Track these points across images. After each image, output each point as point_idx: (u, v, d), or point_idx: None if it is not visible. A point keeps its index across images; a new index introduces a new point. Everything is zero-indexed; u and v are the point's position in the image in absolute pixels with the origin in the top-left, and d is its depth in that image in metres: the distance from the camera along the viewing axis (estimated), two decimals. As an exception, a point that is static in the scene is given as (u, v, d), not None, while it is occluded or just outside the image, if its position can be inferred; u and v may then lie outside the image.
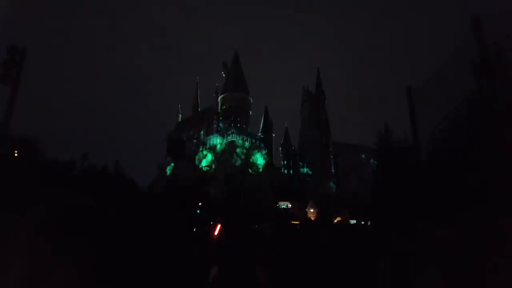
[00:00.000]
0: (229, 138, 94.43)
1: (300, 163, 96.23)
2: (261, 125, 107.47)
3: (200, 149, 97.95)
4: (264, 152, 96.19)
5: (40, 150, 25.67)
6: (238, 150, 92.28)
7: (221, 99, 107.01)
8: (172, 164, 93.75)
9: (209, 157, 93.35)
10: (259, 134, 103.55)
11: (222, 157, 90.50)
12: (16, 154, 21.24)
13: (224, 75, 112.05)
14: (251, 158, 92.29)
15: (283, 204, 67.97)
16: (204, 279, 2.11)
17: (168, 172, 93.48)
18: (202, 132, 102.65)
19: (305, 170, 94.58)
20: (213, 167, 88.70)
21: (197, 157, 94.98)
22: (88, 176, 25.85)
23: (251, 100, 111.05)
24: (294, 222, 5.62)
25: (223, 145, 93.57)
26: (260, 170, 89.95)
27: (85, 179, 23.97)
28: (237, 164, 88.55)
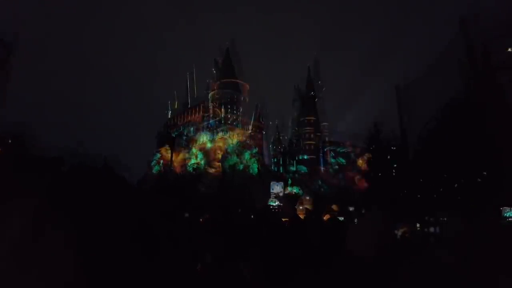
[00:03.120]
0: (220, 135, 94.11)
1: (291, 160, 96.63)
2: (252, 122, 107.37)
3: (190, 146, 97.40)
4: (255, 150, 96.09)
5: (28, 145, 25.30)
6: (228, 147, 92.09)
7: (211, 95, 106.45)
8: (162, 162, 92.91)
9: (199, 154, 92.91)
10: (250, 131, 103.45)
11: (212, 154, 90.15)
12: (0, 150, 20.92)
13: (215, 72, 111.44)
14: (241, 155, 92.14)
15: (271, 200, 67.97)
16: (192, 274, 2.12)
17: (157, 168, 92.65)
18: (192, 129, 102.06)
19: (295, 167, 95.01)
20: (203, 164, 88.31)
21: (187, 153, 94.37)
22: (77, 171, 25.47)
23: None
24: (284, 219, 5.67)
25: (214, 142, 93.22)
26: (251, 167, 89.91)
27: (74, 174, 23.64)
28: (227, 161, 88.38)
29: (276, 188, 73.92)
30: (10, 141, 23.48)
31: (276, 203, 65.97)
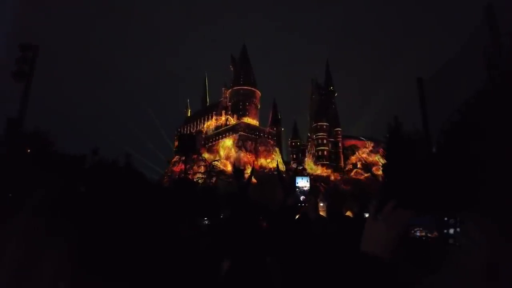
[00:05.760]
0: (238, 132, 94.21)
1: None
2: (270, 118, 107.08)
3: (209, 143, 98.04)
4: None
5: (51, 144, 26.07)
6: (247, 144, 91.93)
7: (229, 92, 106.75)
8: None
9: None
10: (268, 127, 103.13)
11: (231, 150, 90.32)
12: (28, 151, 21.64)
13: (232, 68, 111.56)
14: (260, 151, 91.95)
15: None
16: (215, 273, 2.10)
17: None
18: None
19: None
20: (222, 160, 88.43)
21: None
22: (99, 169, 26.09)
23: (260, 94, 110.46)
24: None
25: (232, 139, 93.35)
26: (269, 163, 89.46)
27: (96, 172, 24.23)
28: (246, 158, 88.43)
29: (302, 182, 67.31)
30: (35, 139, 24.31)
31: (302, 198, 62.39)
